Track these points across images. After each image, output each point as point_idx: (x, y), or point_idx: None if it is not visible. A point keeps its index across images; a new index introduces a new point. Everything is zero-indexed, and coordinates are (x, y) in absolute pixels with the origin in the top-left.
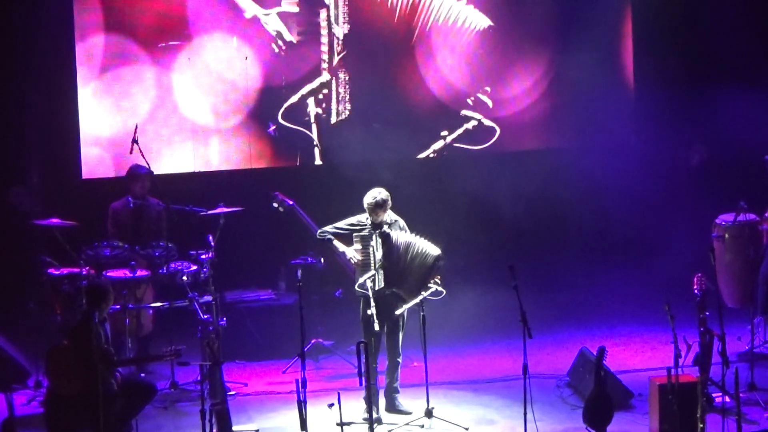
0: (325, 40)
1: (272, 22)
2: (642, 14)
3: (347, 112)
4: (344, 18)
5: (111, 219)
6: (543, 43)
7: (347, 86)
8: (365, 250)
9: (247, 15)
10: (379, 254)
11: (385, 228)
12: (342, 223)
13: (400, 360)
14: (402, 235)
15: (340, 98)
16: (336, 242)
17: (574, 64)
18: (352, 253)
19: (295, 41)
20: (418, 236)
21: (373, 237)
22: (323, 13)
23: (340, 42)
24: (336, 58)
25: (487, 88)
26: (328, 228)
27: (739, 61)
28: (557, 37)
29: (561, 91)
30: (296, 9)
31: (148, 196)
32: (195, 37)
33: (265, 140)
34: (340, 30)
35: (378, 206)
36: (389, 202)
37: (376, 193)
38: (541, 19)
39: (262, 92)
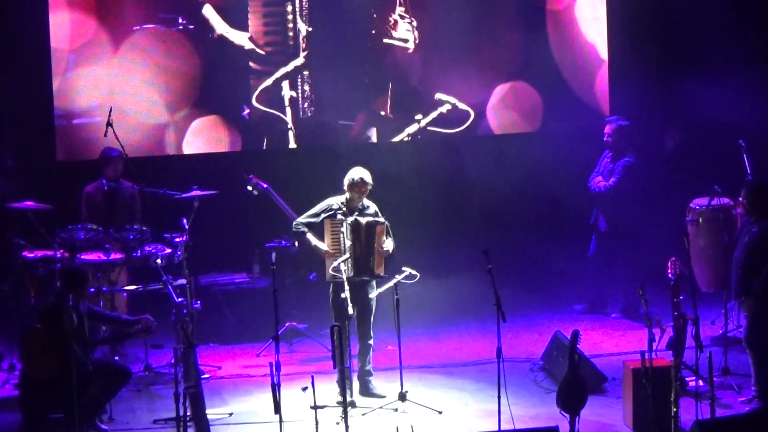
0: (296, 22)
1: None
2: None
3: (313, 102)
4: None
5: (84, 202)
6: (516, 27)
7: (319, 70)
8: (336, 236)
9: None
10: (348, 242)
11: (356, 215)
12: (314, 210)
13: (371, 342)
14: (370, 222)
15: (310, 85)
16: (309, 235)
17: (549, 48)
18: (326, 247)
19: (269, 24)
20: (370, 217)
21: (344, 224)
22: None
23: (308, 25)
24: (303, 51)
25: (460, 72)
26: (302, 219)
27: (714, 45)
28: (531, 21)
29: (535, 76)
30: None
31: (122, 179)
32: (168, 21)
33: (240, 124)
34: (305, 25)
35: (364, 185)
36: (371, 185)
37: (363, 174)
38: (515, 5)
39: (237, 75)
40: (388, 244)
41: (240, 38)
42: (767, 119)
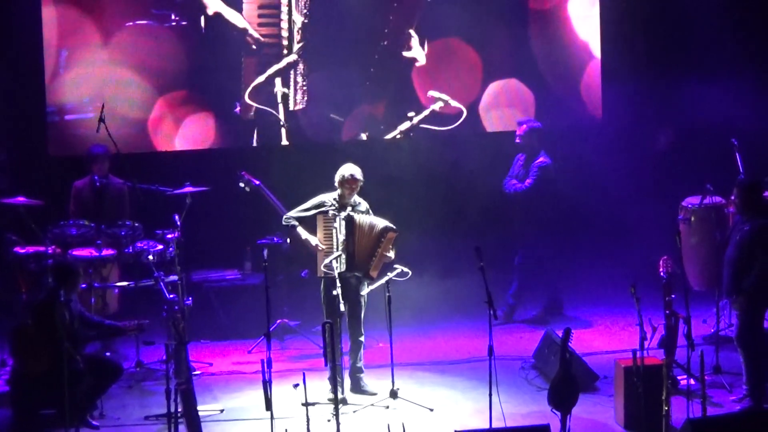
0: (291, 14)
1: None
2: None
3: (306, 95)
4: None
5: (73, 197)
6: (508, 25)
7: (313, 64)
8: (328, 231)
9: None
10: (341, 237)
11: (349, 210)
12: (306, 205)
13: (362, 339)
14: (364, 218)
15: (303, 78)
16: (300, 229)
17: (541, 46)
18: (316, 241)
19: (261, 19)
20: (377, 217)
21: (337, 219)
22: None
23: (305, 17)
24: (297, 44)
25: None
26: (293, 213)
27: (707, 43)
28: (523, 19)
29: (528, 74)
30: None
31: (111, 176)
32: (160, 17)
33: (232, 120)
34: (300, 17)
35: (355, 182)
36: (362, 182)
37: (354, 170)
38: (507, 2)
39: (229, 71)
40: (391, 254)
41: (236, 18)
42: (760, 118)
